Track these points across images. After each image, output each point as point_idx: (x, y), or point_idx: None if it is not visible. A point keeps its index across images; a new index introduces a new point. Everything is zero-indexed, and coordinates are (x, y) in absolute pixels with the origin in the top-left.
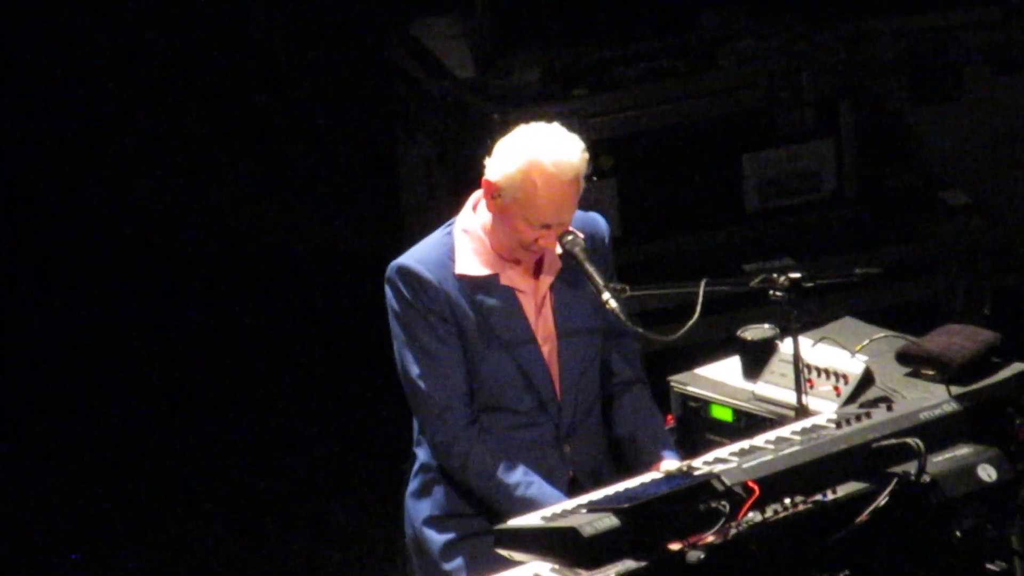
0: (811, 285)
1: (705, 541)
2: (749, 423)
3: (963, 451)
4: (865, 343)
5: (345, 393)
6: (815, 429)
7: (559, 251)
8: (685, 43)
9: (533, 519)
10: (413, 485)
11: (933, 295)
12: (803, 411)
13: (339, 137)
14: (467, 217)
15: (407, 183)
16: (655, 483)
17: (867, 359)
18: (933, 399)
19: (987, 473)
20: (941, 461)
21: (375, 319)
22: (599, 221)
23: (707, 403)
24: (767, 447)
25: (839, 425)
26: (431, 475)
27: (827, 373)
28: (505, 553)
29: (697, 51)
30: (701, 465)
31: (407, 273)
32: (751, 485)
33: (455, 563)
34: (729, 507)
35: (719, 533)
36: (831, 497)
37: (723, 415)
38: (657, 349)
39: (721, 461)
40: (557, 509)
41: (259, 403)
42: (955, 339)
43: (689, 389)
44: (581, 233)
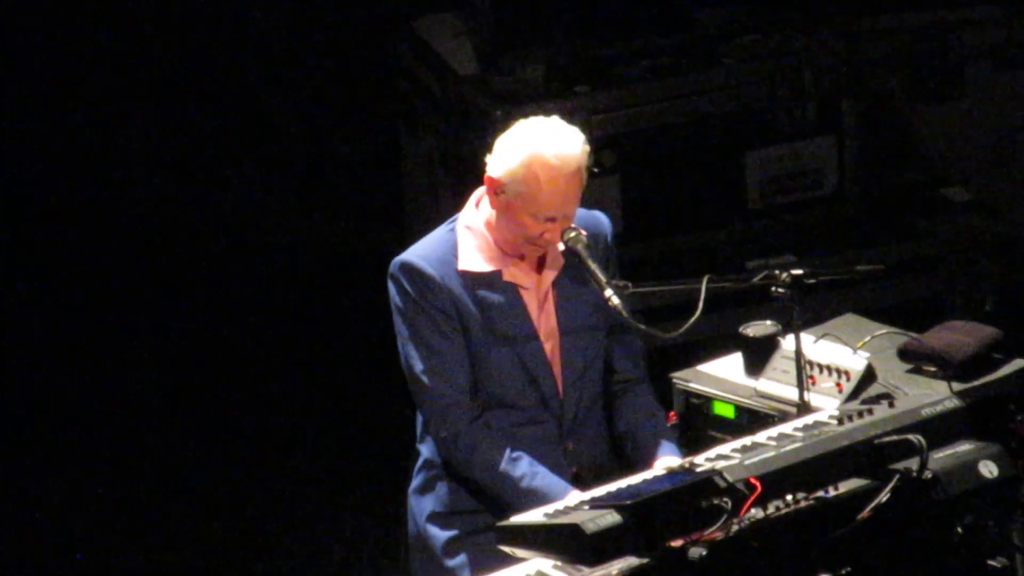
0: (813, 282)
1: (707, 538)
2: (751, 420)
3: (965, 448)
4: (867, 340)
5: (348, 390)
6: (817, 426)
7: (561, 248)
8: (687, 41)
9: (535, 516)
10: (416, 482)
11: (935, 292)
12: (805, 407)
13: (342, 135)
14: (470, 214)
15: (410, 180)
16: (657, 480)
17: (869, 356)
18: (935, 396)
19: (989, 469)
20: (943, 458)
21: (378, 316)
22: (602, 219)
23: (709, 400)
24: (769, 444)
25: (841, 422)
26: (434, 472)
27: (829, 370)
28: (507, 550)
29: (699, 49)
30: (703, 462)
31: (410, 269)
32: (753, 482)
33: (458, 560)
34: (731, 504)
35: (721, 530)
36: (833, 494)
37: (725, 411)
38: (659, 346)
39: (723, 458)
40: (559, 506)
41: (262, 400)
42: (957, 336)
43: (691, 386)
44: (584, 231)
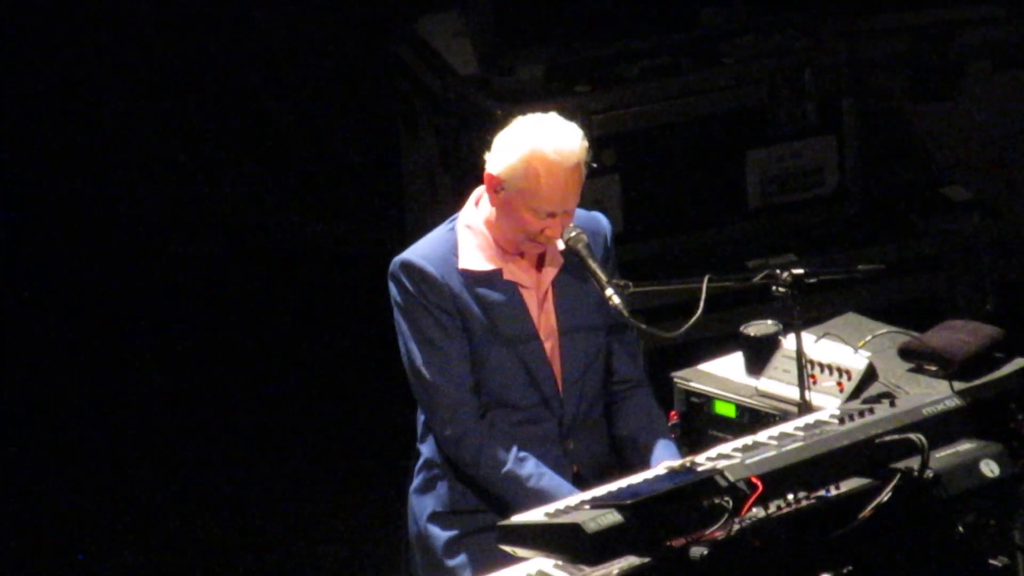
0: (814, 281)
1: (708, 537)
2: (752, 419)
3: (966, 447)
4: (868, 339)
5: (348, 390)
6: (818, 425)
7: (562, 247)
8: (688, 40)
9: (536, 515)
10: (417, 481)
11: (935, 291)
12: (806, 407)
13: (342, 134)
14: (469, 213)
15: (410, 180)
16: (658, 479)
17: (870, 355)
18: (936, 395)
19: (990, 469)
20: (944, 457)
21: (378, 316)
22: (601, 219)
23: (710, 399)
24: (770, 443)
25: (842, 421)
26: (435, 471)
27: (830, 369)
28: (508, 549)
29: (700, 48)
30: (704, 461)
31: (411, 268)
32: (754, 481)
33: (459, 559)
34: (732, 503)
35: (722, 529)
36: (834, 493)
37: (726, 411)
38: (660, 345)
39: (724, 457)
40: (560, 505)
41: (262, 400)
42: (958, 335)
43: (692, 385)
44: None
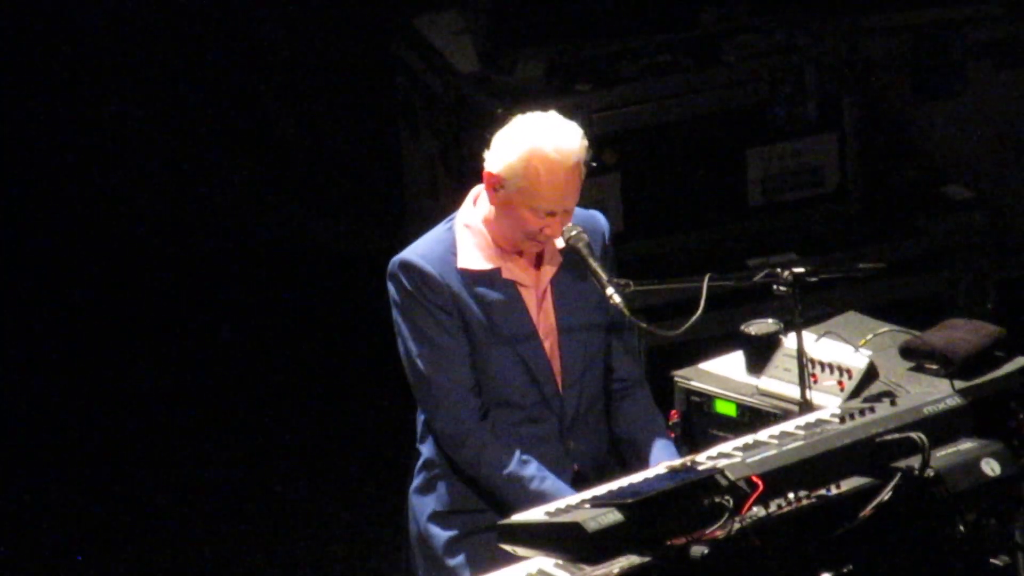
0: (814, 280)
1: (709, 536)
2: (753, 418)
3: (967, 445)
4: (869, 338)
5: (348, 390)
6: (819, 424)
7: (561, 245)
8: (688, 38)
9: (537, 514)
10: (417, 481)
11: (936, 290)
12: (807, 406)
13: (342, 133)
14: (467, 212)
15: (410, 179)
16: (659, 478)
17: (871, 354)
18: (937, 393)
19: (991, 467)
20: (945, 456)
21: (379, 316)
22: (599, 218)
23: (711, 398)
24: (771, 442)
25: (843, 420)
26: (435, 471)
27: (831, 368)
28: (509, 548)
29: (700, 46)
30: (705, 460)
31: (409, 267)
32: (755, 480)
33: (459, 559)
34: (733, 502)
35: (723, 528)
36: (835, 492)
37: (727, 410)
38: (661, 344)
39: (725, 456)
40: (561, 504)
41: (262, 400)
42: (958, 333)
43: (693, 384)
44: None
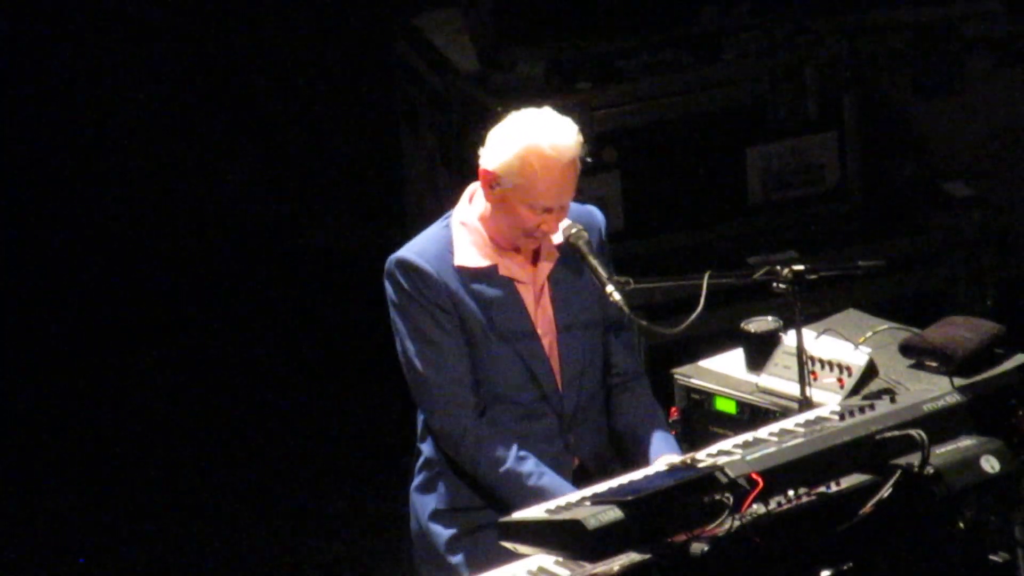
0: (814, 277)
1: (709, 533)
2: (753, 415)
3: (966, 443)
4: (868, 335)
5: (349, 388)
6: (819, 421)
7: (558, 241)
8: (688, 36)
9: (537, 512)
10: (418, 480)
11: (936, 287)
12: (807, 403)
13: (342, 132)
14: (464, 209)
15: (410, 177)
16: (659, 476)
17: (870, 351)
18: (936, 391)
19: (990, 465)
20: (944, 453)
21: (379, 314)
22: (595, 213)
23: (711, 395)
24: (771, 439)
25: (843, 417)
26: (436, 470)
27: (831, 365)
28: (509, 546)
29: (700, 44)
30: (705, 457)
31: (406, 265)
32: (755, 477)
33: (460, 557)
34: (733, 499)
35: (723, 525)
36: (835, 489)
37: (727, 407)
38: (661, 342)
39: (725, 453)
40: (561, 502)
41: (263, 399)
42: (958, 331)
43: (693, 382)
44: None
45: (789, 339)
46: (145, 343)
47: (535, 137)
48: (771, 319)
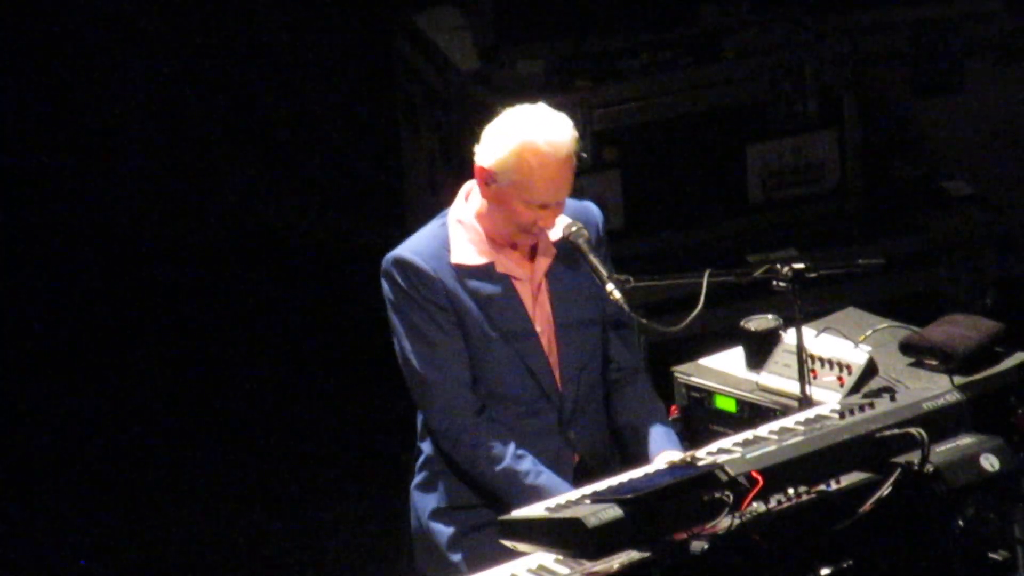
0: (814, 276)
1: (709, 531)
2: (753, 414)
3: (966, 441)
4: (868, 333)
5: (350, 386)
6: (819, 419)
7: (554, 237)
8: (689, 34)
9: (537, 510)
10: (418, 478)
11: (936, 285)
12: (807, 401)
13: (342, 130)
14: (460, 207)
15: (411, 175)
16: (659, 474)
17: (870, 349)
18: (936, 389)
19: (990, 463)
20: (944, 451)
21: (379, 312)
22: (592, 209)
23: (711, 394)
24: (771, 437)
25: (842, 415)
26: (436, 468)
27: (831, 363)
28: (509, 544)
29: (701, 43)
30: (705, 456)
31: (403, 264)
32: (755, 475)
33: (460, 555)
34: (733, 497)
35: (723, 523)
36: (834, 487)
37: (727, 406)
38: (660, 340)
39: (725, 451)
40: (561, 500)
41: (263, 397)
42: (958, 329)
43: (693, 380)
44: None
45: (789, 337)
46: (143, 339)
47: (531, 133)
48: (771, 317)
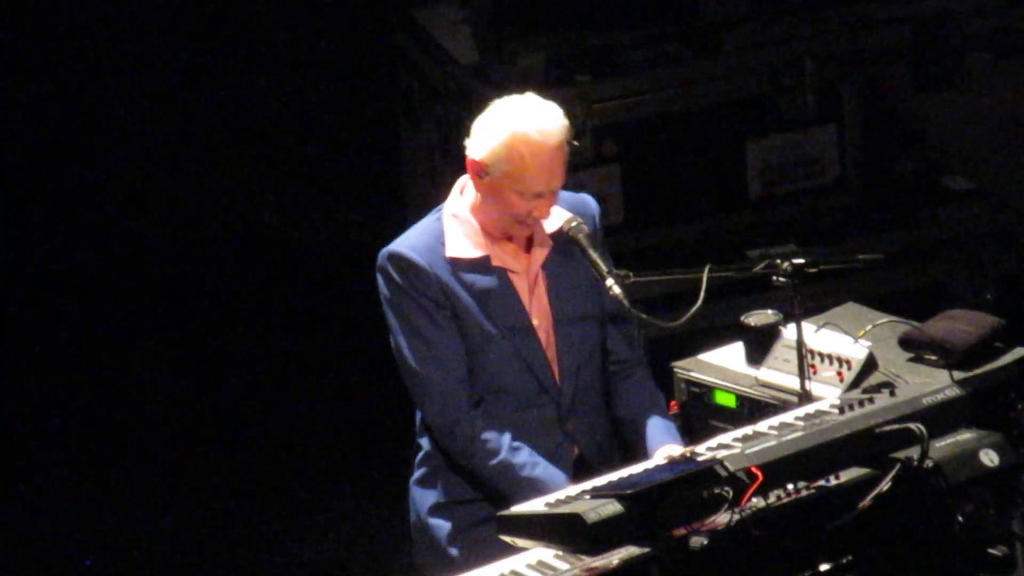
0: (814, 271)
1: (708, 527)
2: (752, 409)
3: (965, 436)
4: (868, 329)
5: (349, 382)
6: (818, 415)
7: (550, 229)
8: (689, 29)
9: (536, 505)
10: (418, 473)
11: (936, 280)
12: (806, 397)
13: (341, 125)
14: (455, 201)
15: (410, 170)
16: (658, 469)
17: (870, 344)
18: (936, 384)
19: (989, 458)
20: (943, 446)
21: (379, 307)
22: (588, 202)
23: (710, 389)
24: (770, 433)
25: (842, 411)
26: (435, 464)
27: (830, 359)
28: (508, 540)
29: (701, 37)
30: (704, 451)
31: (398, 259)
32: (754, 471)
33: (459, 550)
34: (732, 493)
35: (722, 519)
36: (834, 483)
37: (726, 401)
38: (660, 335)
39: (724, 447)
40: (560, 495)
41: (262, 393)
42: (958, 324)
43: (692, 375)
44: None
45: (789, 332)
46: (143, 337)
47: (521, 123)
48: (771, 312)
